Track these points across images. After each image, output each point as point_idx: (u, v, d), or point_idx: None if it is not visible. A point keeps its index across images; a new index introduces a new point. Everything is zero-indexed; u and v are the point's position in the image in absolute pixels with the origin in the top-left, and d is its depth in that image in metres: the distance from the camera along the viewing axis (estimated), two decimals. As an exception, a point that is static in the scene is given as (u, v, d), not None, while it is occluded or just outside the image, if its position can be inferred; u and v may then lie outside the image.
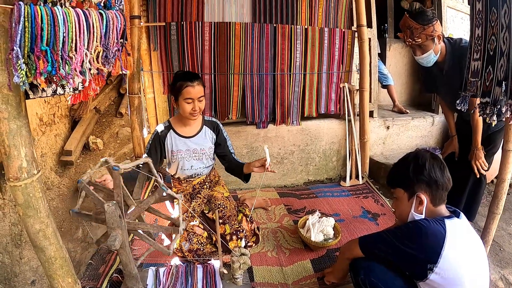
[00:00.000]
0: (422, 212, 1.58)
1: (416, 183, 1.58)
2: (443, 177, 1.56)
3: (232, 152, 2.57)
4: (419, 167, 1.58)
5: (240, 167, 2.43)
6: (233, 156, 2.57)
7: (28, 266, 2.51)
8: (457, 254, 1.44)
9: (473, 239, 1.54)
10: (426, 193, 1.57)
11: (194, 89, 2.24)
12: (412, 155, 1.66)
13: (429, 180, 1.55)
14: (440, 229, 1.46)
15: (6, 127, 1.20)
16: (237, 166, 2.48)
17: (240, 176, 2.49)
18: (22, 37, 1.07)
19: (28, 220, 1.33)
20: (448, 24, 4.00)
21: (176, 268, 2.13)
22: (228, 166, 2.58)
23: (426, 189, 1.56)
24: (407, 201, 1.63)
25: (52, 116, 4.08)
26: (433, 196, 1.57)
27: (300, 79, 3.43)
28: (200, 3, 3.08)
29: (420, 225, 1.50)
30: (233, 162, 2.54)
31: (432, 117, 4.00)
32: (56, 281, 1.46)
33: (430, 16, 2.19)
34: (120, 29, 1.41)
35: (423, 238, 1.47)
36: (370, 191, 3.29)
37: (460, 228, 1.52)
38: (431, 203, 1.58)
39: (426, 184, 1.56)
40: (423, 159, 1.59)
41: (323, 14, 3.36)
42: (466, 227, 1.55)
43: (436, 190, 1.56)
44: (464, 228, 1.54)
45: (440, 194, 1.57)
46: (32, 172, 1.28)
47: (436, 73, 2.49)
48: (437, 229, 1.46)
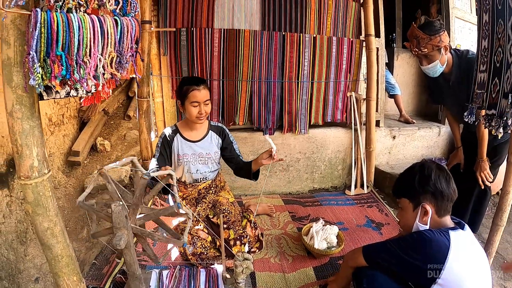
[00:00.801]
0: (427, 223, 1.58)
1: (422, 194, 1.58)
2: (448, 188, 1.56)
3: (239, 155, 2.59)
4: (425, 178, 1.58)
5: (248, 165, 2.43)
6: (241, 158, 2.58)
7: (32, 263, 2.54)
8: (460, 265, 1.44)
9: (477, 251, 1.54)
10: (432, 204, 1.57)
11: (200, 92, 2.29)
12: (418, 166, 1.66)
13: (434, 191, 1.55)
14: (444, 240, 1.46)
15: (20, 126, 1.24)
16: (245, 165, 2.49)
17: (249, 175, 2.46)
18: (38, 42, 1.11)
19: (37, 218, 1.36)
20: (456, 35, 4.01)
21: (179, 271, 2.15)
22: (236, 168, 2.58)
23: (431, 199, 1.57)
24: (412, 212, 1.63)
25: (61, 116, 4.14)
26: (438, 207, 1.57)
27: (307, 87, 3.46)
28: (210, 10, 3.12)
29: (424, 236, 1.50)
30: (241, 163, 2.55)
31: (438, 128, 4.00)
32: (61, 279, 1.49)
33: (437, 27, 2.21)
34: (134, 35, 1.45)
35: (427, 249, 1.47)
36: (374, 201, 3.29)
37: (464, 239, 1.52)
38: (436, 214, 1.58)
39: (432, 194, 1.56)
40: (429, 170, 1.59)
41: (331, 23, 3.39)
42: (471, 239, 1.55)
43: (442, 201, 1.56)
44: (469, 240, 1.54)
45: (445, 205, 1.57)
46: (43, 171, 1.32)
47: (442, 84, 2.50)
48: (442, 240, 1.46)
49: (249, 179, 2.51)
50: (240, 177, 2.61)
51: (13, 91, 1.20)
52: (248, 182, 3.54)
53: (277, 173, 3.63)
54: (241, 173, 2.56)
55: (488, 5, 1.75)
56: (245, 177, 2.54)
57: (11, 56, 1.18)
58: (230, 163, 2.62)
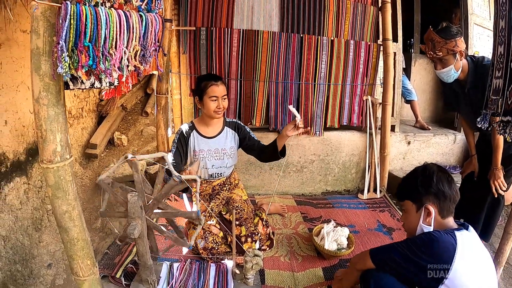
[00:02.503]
0: (431, 224, 1.60)
1: (424, 195, 1.61)
2: (450, 189, 1.59)
3: (259, 141, 2.60)
4: (427, 180, 1.61)
5: (273, 144, 2.42)
6: (261, 143, 2.58)
7: (46, 249, 2.62)
8: (466, 266, 1.44)
9: (482, 252, 1.55)
10: (434, 205, 1.59)
11: (219, 87, 2.36)
12: (421, 169, 1.70)
13: (437, 192, 1.58)
14: (451, 240, 1.48)
15: (45, 112, 1.29)
16: (269, 145, 2.48)
17: (276, 154, 2.43)
18: (67, 33, 1.17)
19: (56, 201, 1.42)
20: (474, 42, 3.96)
21: (190, 264, 2.19)
22: (260, 151, 2.56)
23: (434, 200, 1.59)
24: (415, 213, 1.65)
25: (81, 110, 4.24)
26: (441, 208, 1.59)
27: (324, 90, 3.47)
28: (230, 11, 3.17)
29: (432, 237, 1.51)
30: (263, 146, 2.55)
31: (454, 135, 3.96)
32: (75, 262, 1.54)
33: (454, 32, 2.20)
34: (158, 31, 1.50)
35: (435, 249, 1.48)
36: (387, 205, 3.27)
37: (469, 240, 1.53)
38: (439, 215, 1.60)
39: (434, 196, 1.59)
40: (430, 172, 1.63)
41: (349, 27, 3.40)
42: (475, 240, 1.56)
43: (444, 202, 1.58)
44: (473, 241, 1.55)
45: (448, 206, 1.59)
46: (65, 156, 1.38)
47: (458, 90, 2.48)
48: (449, 241, 1.48)
49: (276, 159, 2.48)
50: (266, 161, 2.62)
51: (41, 79, 1.26)
52: (261, 181, 3.58)
53: (291, 174, 3.65)
54: (267, 156, 2.54)
55: (504, 11, 1.74)
56: (272, 159, 2.52)
57: (40, 46, 1.23)
58: (252, 151, 2.61)
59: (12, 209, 2.55)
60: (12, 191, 2.60)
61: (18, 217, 2.57)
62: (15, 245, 2.44)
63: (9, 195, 2.55)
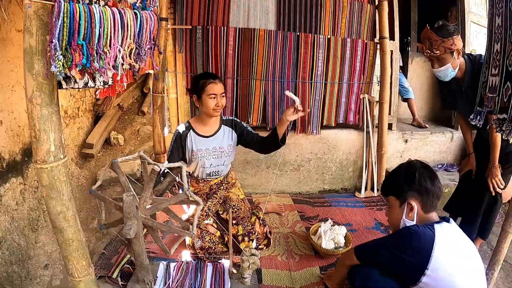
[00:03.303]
0: (413, 219, 1.64)
1: (407, 191, 1.66)
2: (433, 185, 1.64)
3: (257, 134, 2.58)
4: (409, 175, 1.67)
5: (273, 131, 2.39)
6: (259, 135, 2.57)
7: (43, 250, 2.60)
8: (447, 255, 1.49)
9: (464, 242, 1.59)
10: (417, 200, 1.64)
11: (217, 85, 2.38)
12: (404, 165, 1.77)
13: (419, 188, 1.63)
14: (429, 232, 1.52)
15: (38, 112, 1.28)
16: (269, 134, 2.44)
17: (277, 142, 2.39)
18: (60, 31, 1.15)
19: (51, 202, 1.41)
20: (471, 40, 3.97)
21: (186, 264, 2.18)
22: (260, 143, 2.53)
23: (416, 196, 1.64)
24: (398, 208, 1.70)
25: (77, 109, 4.22)
26: (423, 203, 1.64)
27: (321, 88, 3.46)
28: (226, 9, 3.16)
29: (410, 230, 1.57)
30: (263, 137, 2.53)
31: (451, 133, 3.97)
32: (71, 262, 1.53)
33: (451, 30, 2.20)
34: (153, 28, 1.49)
35: (413, 242, 1.53)
36: (384, 204, 3.27)
37: (449, 231, 1.57)
38: (422, 210, 1.65)
39: (417, 191, 1.64)
40: (413, 168, 1.69)
41: (346, 25, 3.39)
42: (456, 231, 1.61)
43: (427, 198, 1.63)
44: (453, 232, 1.59)
45: (430, 201, 1.64)
46: (59, 156, 1.37)
47: (455, 89, 2.48)
48: (426, 233, 1.52)
49: (277, 148, 2.46)
50: (267, 152, 2.63)
51: (34, 78, 1.25)
52: (258, 180, 3.58)
53: (288, 172, 3.65)
54: (268, 146, 2.52)
55: (501, 9, 1.73)
56: (273, 148, 2.50)
57: (33, 45, 1.22)
58: (252, 145, 2.59)
59: (8, 209, 2.53)
60: (8, 191, 2.58)
61: (14, 217, 2.55)
62: (11, 246, 2.43)
63: (4, 196, 2.52)
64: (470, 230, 2.57)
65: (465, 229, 1.71)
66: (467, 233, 1.67)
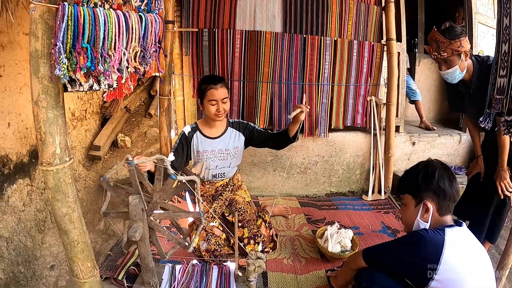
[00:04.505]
0: (428, 220, 1.60)
1: (424, 191, 1.61)
2: (451, 187, 1.59)
3: (267, 130, 2.58)
4: (428, 175, 1.61)
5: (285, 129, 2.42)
6: (270, 132, 2.57)
7: (49, 251, 2.62)
8: (457, 260, 1.45)
9: (475, 246, 1.55)
10: (433, 202, 1.59)
11: (217, 91, 2.34)
12: (424, 164, 1.70)
13: (437, 189, 1.58)
14: (438, 237, 1.49)
15: (44, 115, 1.30)
16: (282, 131, 2.47)
17: (288, 139, 2.42)
18: (65, 34, 1.16)
19: (56, 204, 1.42)
20: (479, 41, 3.93)
21: (192, 266, 2.18)
22: (274, 138, 2.54)
23: (433, 197, 1.59)
24: (413, 208, 1.66)
25: (84, 112, 4.25)
26: (440, 205, 1.59)
27: (328, 91, 3.44)
28: (233, 11, 3.16)
29: (419, 234, 1.53)
30: (275, 134, 2.53)
31: (459, 135, 3.92)
32: (76, 264, 1.54)
33: (458, 32, 2.17)
34: (158, 31, 1.49)
35: (422, 247, 1.50)
36: (391, 207, 3.24)
37: (460, 235, 1.53)
38: (437, 212, 1.60)
39: (434, 192, 1.58)
40: (433, 168, 1.62)
41: (352, 27, 3.37)
42: (467, 235, 1.57)
43: (443, 200, 1.58)
44: (465, 236, 1.56)
45: (447, 204, 1.59)
46: (64, 159, 1.37)
47: (463, 91, 2.45)
48: (436, 238, 1.49)
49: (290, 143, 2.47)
50: (282, 147, 2.59)
51: (40, 81, 1.26)
52: (265, 183, 3.57)
53: (294, 175, 3.63)
54: (282, 143, 2.53)
55: (508, 9, 1.71)
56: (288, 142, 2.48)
57: (38, 49, 1.23)
58: (266, 143, 2.60)
59: (15, 210, 2.56)
60: (15, 192, 2.61)
61: (21, 218, 2.58)
62: (18, 246, 2.45)
63: (12, 197, 2.55)
64: (478, 234, 2.53)
65: (473, 233, 1.66)
66: (475, 237, 1.63)
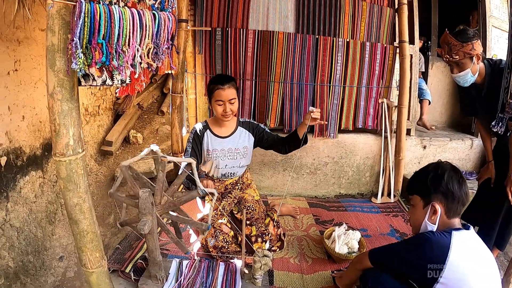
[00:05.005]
0: (435, 222, 1.60)
1: (433, 193, 1.60)
2: (460, 190, 1.58)
3: (276, 134, 2.59)
4: (438, 177, 1.60)
5: (294, 132, 2.43)
6: (278, 136, 2.57)
7: (59, 242, 2.67)
8: (462, 263, 1.45)
9: (481, 250, 1.54)
10: (442, 204, 1.59)
11: (224, 91, 2.33)
12: (434, 165, 1.69)
13: (446, 191, 1.57)
14: (444, 240, 1.49)
15: (59, 107, 1.33)
16: (290, 134, 2.47)
17: (298, 143, 2.42)
18: (81, 30, 1.20)
19: (68, 194, 1.45)
20: (493, 44, 3.88)
21: (199, 262, 2.20)
22: (283, 142, 2.53)
23: (442, 199, 1.58)
24: (422, 209, 1.65)
25: (97, 107, 4.32)
26: (448, 208, 1.58)
27: (339, 92, 3.44)
28: (246, 11, 3.19)
29: (425, 237, 1.53)
30: (284, 138, 2.52)
31: (471, 140, 3.88)
32: (84, 254, 1.58)
33: (470, 35, 2.16)
34: (171, 29, 1.52)
35: (428, 250, 1.50)
36: (400, 210, 3.23)
37: (467, 239, 1.53)
38: (446, 215, 1.59)
39: (443, 194, 1.58)
40: (443, 170, 1.61)
41: (365, 28, 3.37)
42: (474, 239, 1.56)
43: (452, 202, 1.57)
44: (472, 239, 1.55)
45: (455, 207, 1.58)
46: (77, 150, 1.41)
47: (474, 95, 2.43)
48: (442, 241, 1.49)
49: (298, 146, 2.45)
50: (289, 151, 2.56)
51: (55, 75, 1.29)
52: (274, 182, 3.58)
53: (304, 176, 3.64)
54: (291, 146, 2.51)
55: None
56: (295, 147, 2.47)
57: (55, 43, 1.27)
58: (275, 146, 2.59)
59: (27, 201, 2.61)
60: (28, 184, 2.66)
61: (32, 209, 2.63)
62: (28, 236, 2.50)
63: (24, 188, 2.61)
64: (487, 240, 2.50)
65: (481, 239, 1.65)
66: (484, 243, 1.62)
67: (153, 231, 1.78)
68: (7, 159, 2.58)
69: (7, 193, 2.53)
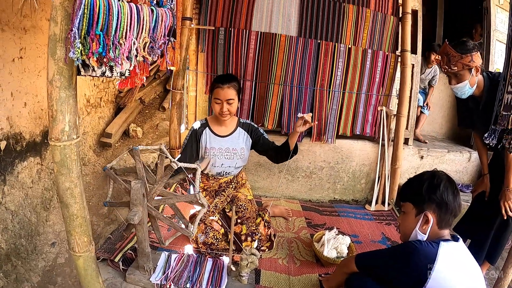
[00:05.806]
0: (426, 232, 1.58)
1: (427, 202, 1.58)
2: (454, 201, 1.56)
3: (272, 142, 2.59)
4: (433, 186, 1.58)
5: (285, 142, 2.41)
6: (274, 144, 2.57)
7: (52, 229, 2.71)
8: (448, 275, 1.44)
9: (468, 263, 1.53)
10: (434, 214, 1.57)
11: (223, 91, 2.35)
12: (429, 173, 1.66)
13: (440, 201, 1.56)
14: (431, 250, 1.48)
15: (57, 94, 1.38)
16: (282, 145, 2.45)
17: (288, 152, 2.40)
18: (80, 21, 1.24)
19: (60, 178, 1.50)
20: (496, 58, 3.90)
21: (187, 256, 2.22)
22: (275, 151, 2.53)
23: (435, 209, 1.57)
24: (413, 217, 1.64)
25: (99, 99, 4.36)
26: (440, 218, 1.57)
27: (338, 97, 3.46)
28: (249, 12, 3.22)
29: (413, 246, 1.52)
30: (278, 147, 2.52)
31: (469, 153, 3.89)
32: (73, 237, 1.62)
33: (470, 46, 2.16)
34: (168, 25, 1.56)
35: (414, 259, 1.49)
36: (393, 219, 3.23)
37: (455, 251, 1.52)
38: (437, 225, 1.58)
39: (437, 204, 1.56)
40: (438, 179, 1.59)
41: (368, 36, 3.39)
42: (462, 251, 1.55)
43: (445, 213, 1.56)
44: (459, 251, 1.54)
45: (447, 218, 1.57)
46: (72, 136, 1.46)
47: (472, 107, 2.43)
48: (428, 250, 1.48)
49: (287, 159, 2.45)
50: (279, 162, 2.58)
51: (55, 63, 1.34)
52: (269, 184, 3.61)
53: (299, 179, 3.66)
54: (281, 156, 2.50)
55: None
56: (284, 158, 2.47)
57: (57, 33, 1.32)
58: (267, 153, 2.60)
59: (24, 186, 2.65)
60: (25, 169, 2.70)
61: (28, 194, 2.66)
62: (23, 220, 2.54)
63: (21, 173, 2.65)
64: (479, 253, 2.51)
65: (473, 252, 1.64)
66: (475, 256, 1.62)
67: (143, 222, 1.81)
68: (7, 143, 2.62)
69: (4, 177, 2.57)
